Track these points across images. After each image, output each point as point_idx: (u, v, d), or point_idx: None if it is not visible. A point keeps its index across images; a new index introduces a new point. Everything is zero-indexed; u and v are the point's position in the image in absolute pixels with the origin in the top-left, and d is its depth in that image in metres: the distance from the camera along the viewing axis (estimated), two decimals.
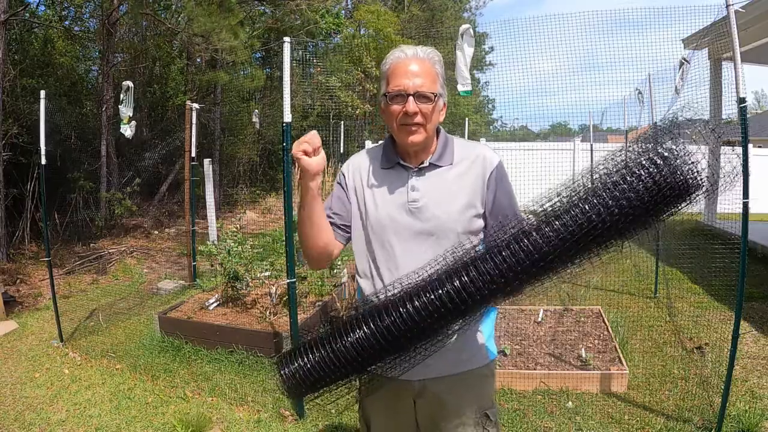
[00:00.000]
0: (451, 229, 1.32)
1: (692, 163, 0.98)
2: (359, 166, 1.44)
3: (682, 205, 1.01)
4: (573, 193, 1.05)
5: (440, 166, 1.37)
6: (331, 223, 1.42)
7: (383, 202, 1.37)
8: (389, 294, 1.16)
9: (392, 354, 1.13)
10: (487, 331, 1.45)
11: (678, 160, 0.98)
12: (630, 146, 1.05)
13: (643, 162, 0.99)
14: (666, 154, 0.98)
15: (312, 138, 1.24)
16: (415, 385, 1.38)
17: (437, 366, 1.36)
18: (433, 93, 1.30)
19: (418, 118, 1.29)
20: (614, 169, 1.02)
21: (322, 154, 1.26)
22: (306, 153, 1.23)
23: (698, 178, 0.98)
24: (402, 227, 1.34)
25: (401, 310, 1.08)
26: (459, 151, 1.40)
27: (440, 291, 1.06)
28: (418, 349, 1.14)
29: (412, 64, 1.30)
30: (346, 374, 1.16)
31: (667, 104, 4.17)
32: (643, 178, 0.97)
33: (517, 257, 1.02)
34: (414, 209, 1.33)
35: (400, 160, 1.38)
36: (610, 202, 0.98)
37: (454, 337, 1.24)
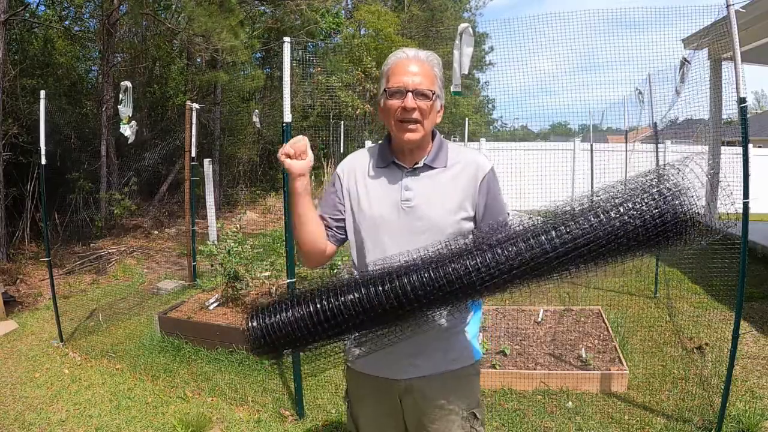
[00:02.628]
0: (441, 229, 1.34)
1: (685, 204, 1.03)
2: (354, 166, 1.46)
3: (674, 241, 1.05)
4: (567, 213, 1.10)
5: (434, 168, 1.39)
6: (325, 226, 1.44)
7: (377, 200, 1.39)
8: (373, 270, 1.18)
9: (362, 327, 1.14)
10: (472, 332, 1.47)
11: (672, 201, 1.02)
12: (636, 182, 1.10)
13: (641, 200, 1.04)
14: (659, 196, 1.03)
15: (295, 142, 1.30)
16: (402, 384, 1.40)
17: (425, 365, 1.39)
18: (431, 91, 1.33)
19: (416, 115, 1.32)
20: (614, 201, 1.07)
21: (309, 156, 1.32)
22: (288, 155, 1.29)
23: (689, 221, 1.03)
24: (394, 225, 1.36)
25: (382, 286, 1.09)
26: (453, 155, 1.42)
27: (418, 276, 1.09)
28: (397, 328, 1.16)
29: (412, 65, 1.34)
30: (315, 339, 1.15)
31: (668, 104, 4.17)
32: (632, 215, 1.03)
33: (507, 258, 1.06)
34: (407, 208, 1.35)
35: (395, 159, 1.40)
36: (597, 226, 1.04)
37: (437, 324, 1.27)
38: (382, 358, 1.37)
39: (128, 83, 4.65)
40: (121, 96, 4.65)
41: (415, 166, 1.39)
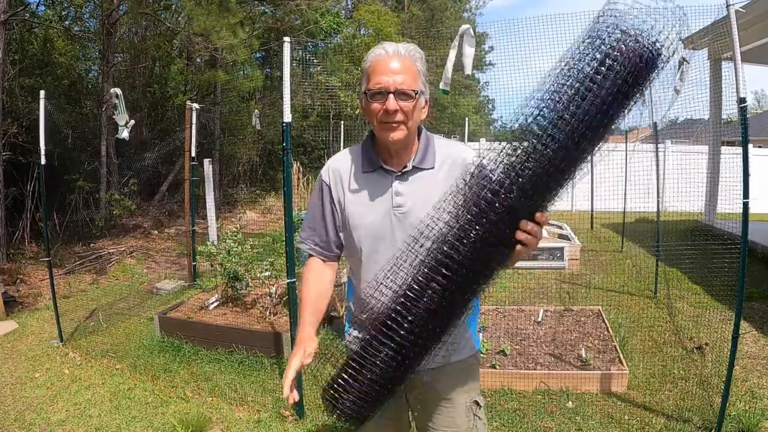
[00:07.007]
0: None
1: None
2: (339, 171, 1.42)
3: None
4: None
5: (423, 169, 1.36)
6: (328, 249, 1.46)
7: (368, 208, 1.36)
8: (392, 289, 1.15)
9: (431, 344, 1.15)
10: (472, 323, 1.50)
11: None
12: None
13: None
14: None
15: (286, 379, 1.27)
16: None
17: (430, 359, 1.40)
18: (413, 90, 1.28)
19: (399, 116, 1.28)
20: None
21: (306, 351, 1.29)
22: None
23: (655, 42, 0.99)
24: (388, 233, 1.34)
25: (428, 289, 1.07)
26: (440, 152, 1.39)
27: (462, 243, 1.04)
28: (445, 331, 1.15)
29: (393, 62, 1.28)
30: (400, 380, 1.17)
31: (668, 104, 4.17)
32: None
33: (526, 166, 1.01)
34: (399, 214, 1.32)
35: (382, 164, 1.37)
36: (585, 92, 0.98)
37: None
38: None
39: (117, 90, 4.65)
40: (115, 101, 4.65)
41: (404, 169, 1.35)
